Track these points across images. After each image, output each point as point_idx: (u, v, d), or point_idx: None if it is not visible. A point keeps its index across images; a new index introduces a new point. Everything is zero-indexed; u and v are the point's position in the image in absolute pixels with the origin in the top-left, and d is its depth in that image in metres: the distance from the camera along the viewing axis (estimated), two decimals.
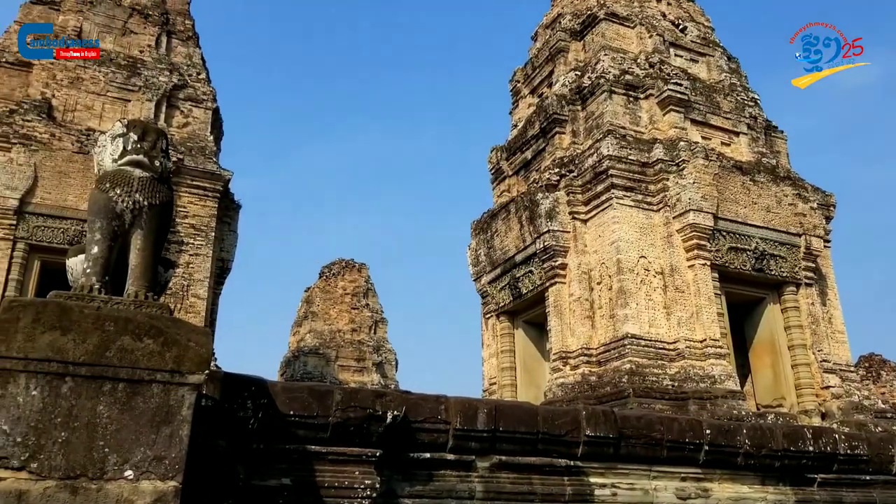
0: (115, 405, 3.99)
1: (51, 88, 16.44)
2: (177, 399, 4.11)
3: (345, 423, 5.77)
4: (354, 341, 33.48)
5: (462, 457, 6.34)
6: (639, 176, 11.83)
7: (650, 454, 7.29)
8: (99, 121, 16.48)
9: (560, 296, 12.13)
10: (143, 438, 3.98)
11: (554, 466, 6.72)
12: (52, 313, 3.96)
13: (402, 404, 6.04)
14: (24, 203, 14.73)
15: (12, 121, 15.37)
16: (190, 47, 18.93)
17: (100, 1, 18.21)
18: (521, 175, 14.50)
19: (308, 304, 35.35)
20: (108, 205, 4.64)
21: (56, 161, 15.31)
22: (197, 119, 17.84)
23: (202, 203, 16.73)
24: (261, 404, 5.46)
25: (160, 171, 4.91)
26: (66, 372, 3.94)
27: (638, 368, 10.53)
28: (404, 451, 6.15)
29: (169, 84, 17.47)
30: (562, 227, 12.19)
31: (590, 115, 13.01)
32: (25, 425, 3.82)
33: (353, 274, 36.12)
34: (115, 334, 4.03)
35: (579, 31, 14.52)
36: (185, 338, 4.19)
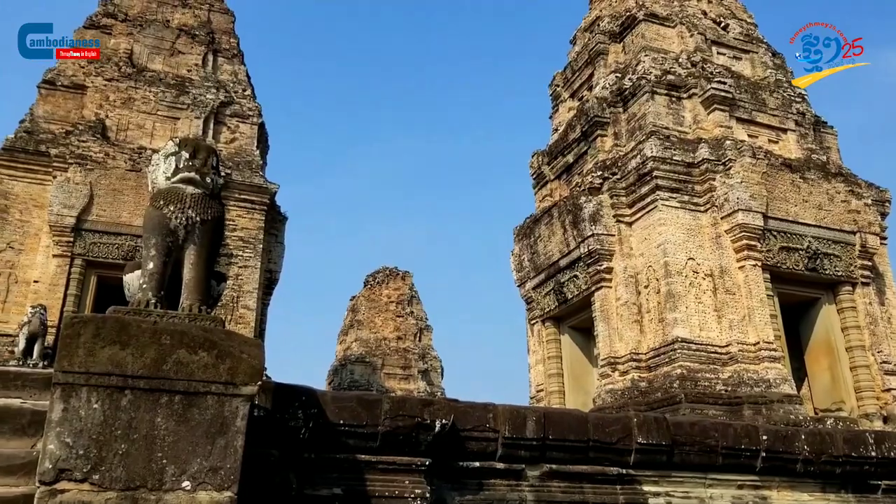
0: (172, 417, 4.08)
1: (104, 109, 17.00)
2: (231, 410, 4.19)
3: (394, 432, 5.80)
4: (400, 349, 33.64)
5: (512, 465, 6.31)
6: (684, 177, 11.65)
7: (705, 461, 7.15)
8: (150, 139, 16.97)
9: (606, 300, 12.00)
10: (199, 450, 4.07)
11: (606, 475, 6.64)
12: (112, 328, 4.08)
13: (449, 412, 6.04)
14: (80, 221, 15.25)
15: (68, 142, 15.94)
16: (235, 65, 19.36)
17: (149, 23, 18.78)
18: (563, 179, 14.41)
19: (354, 312, 35.68)
20: (163, 221, 4.77)
21: (110, 179, 15.81)
22: (243, 134, 18.23)
23: (250, 216, 17.08)
24: (311, 414, 5.53)
25: (211, 188, 5.04)
26: (125, 385, 4.04)
27: (689, 373, 10.34)
28: (453, 459, 6.15)
29: (216, 101, 17.91)
30: (606, 230, 12.06)
31: (632, 117, 12.87)
32: (87, 438, 3.93)
33: (397, 282, 36.35)
34: (171, 347, 4.14)
35: (618, 33, 14.39)
36: (237, 350, 4.27)
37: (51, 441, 3.89)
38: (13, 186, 15.68)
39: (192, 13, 19.69)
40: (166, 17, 19.30)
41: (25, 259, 15.23)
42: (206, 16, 19.84)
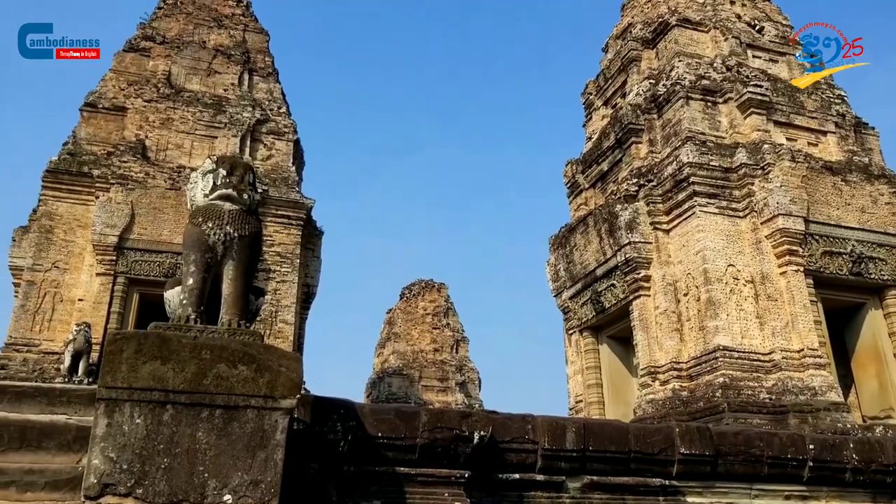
0: (213, 431, 4.12)
1: (144, 130, 17.40)
2: (271, 424, 4.22)
3: (432, 445, 5.77)
4: (437, 361, 33.62)
5: (552, 477, 6.24)
6: (722, 182, 11.47)
7: (750, 472, 6.98)
8: (189, 158, 17.31)
9: (645, 309, 11.85)
10: (239, 463, 4.10)
11: (648, 486, 6.52)
12: (153, 344, 4.15)
13: (488, 424, 6.00)
14: (122, 239, 15.59)
15: (110, 162, 16.35)
16: (270, 83, 19.68)
17: (186, 45, 19.22)
18: (598, 187, 14.30)
19: (390, 325, 35.79)
20: (201, 238, 4.85)
21: (151, 198, 16.16)
22: (279, 151, 18.50)
23: (287, 231, 17.28)
24: (350, 427, 5.53)
25: (248, 204, 5.11)
26: (166, 400, 4.10)
27: (732, 382, 10.14)
28: (492, 471, 6.10)
29: (252, 119, 18.21)
30: (643, 238, 11.93)
31: (667, 123, 12.74)
32: (131, 452, 3.99)
33: (432, 294, 36.38)
34: (212, 362, 4.19)
35: (651, 40, 14.28)
36: (276, 363, 4.31)
37: (95, 456, 3.96)
38: (57, 207, 16.11)
39: (228, 34, 20.09)
40: (202, 38, 19.72)
41: (70, 278, 15.61)
42: (241, 36, 20.23)
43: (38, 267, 15.54)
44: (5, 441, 4.71)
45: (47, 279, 15.52)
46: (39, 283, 15.44)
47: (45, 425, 4.87)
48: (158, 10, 20.31)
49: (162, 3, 20.54)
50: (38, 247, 15.66)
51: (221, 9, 20.71)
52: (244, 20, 20.80)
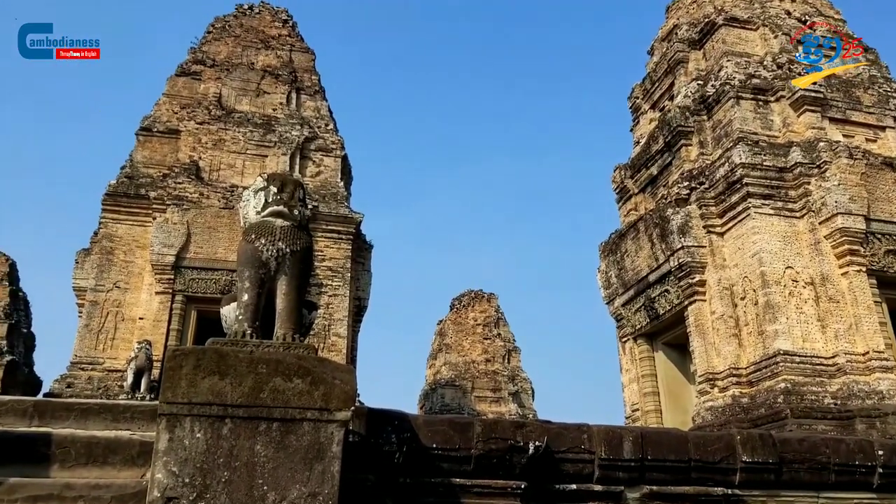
0: (271, 444, 4.18)
1: (197, 151, 17.89)
2: (326, 436, 4.25)
3: (487, 455, 5.74)
4: (489, 371, 33.48)
5: (610, 487, 6.13)
6: (777, 182, 11.18)
7: (816, 479, 6.74)
8: (241, 177, 17.72)
9: (701, 314, 11.59)
10: (297, 476, 4.14)
11: (710, 496, 6.35)
12: (211, 359, 4.24)
13: (543, 434, 5.94)
14: (179, 258, 16.02)
15: (166, 184, 16.84)
16: (317, 101, 20.03)
17: (235, 67, 19.72)
18: (648, 192, 14.10)
19: (441, 336, 35.83)
20: (255, 254, 4.95)
21: (205, 217, 16.58)
22: (328, 167, 18.79)
23: (337, 246, 17.50)
24: (404, 438, 5.55)
25: (299, 220, 5.20)
26: (225, 414, 4.17)
27: (794, 387, 9.83)
28: (548, 482, 6.03)
29: (301, 137, 18.55)
30: (696, 241, 11.69)
31: (717, 124, 12.49)
32: (192, 466, 4.07)
33: (482, 304, 36.30)
34: (268, 376, 4.25)
35: (698, 40, 14.05)
36: (330, 376, 4.35)
37: (158, 470, 4.05)
38: (117, 229, 16.67)
39: (275, 54, 20.54)
40: (251, 59, 20.21)
41: (131, 297, 16.11)
42: (287, 56, 20.66)
43: (101, 287, 16.08)
44: (72, 457, 4.87)
45: (109, 299, 16.04)
46: (102, 303, 15.96)
47: (110, 441, 5.01)
48: (208, 35, 20.91)
49: (211, 28, 21.14)
50: (99, 268, 16.21)
51: (268, 30, 21.21)
52: (290, 40, 21.25)
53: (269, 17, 21.58)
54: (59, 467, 4.81)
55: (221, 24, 21.11)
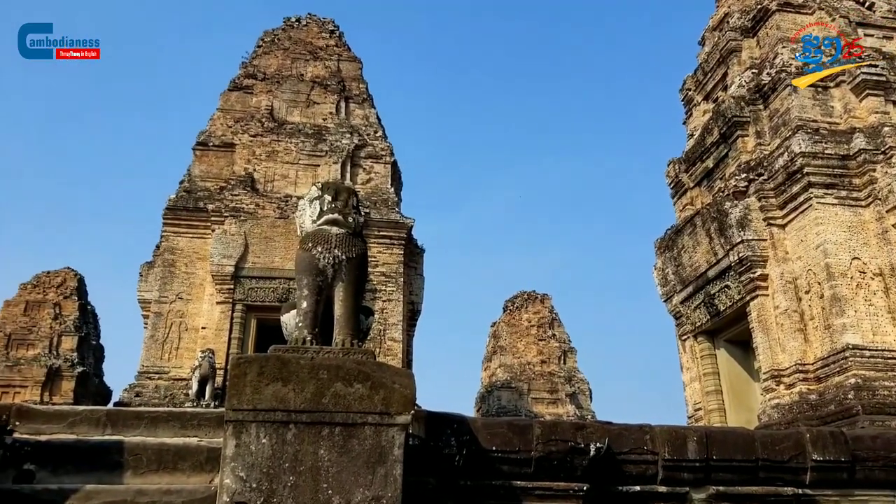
0: (334, 448, 4.24)
1: (252, 164, 18.31)
2: (388, 440, 4.30)
3: (547, 458, 5.70)
4: (545, 373, 33.24)
5: (675, 489, 6.01)
6: (839, 171, 10.80)
7: (892, 478, 6.47)
8: (294, 187, 18.06)
9: (764, 309, 11.27)
10: (360, 479, 4.19)
11: (780, 496, 6.17)
12: (274, 366, 4.33)
13: (603, 435, 5.87)
14: (238, 268, 16.41)
15: (223, 196, 17.28)
16: (366, 108, 20.27)
17: (285, 79, 20.12)
18: (704, 185, 13.79)
19: (495, 338, 35.75)
20: (312, 262, 5.04)
21: (262, 228, 16.95)
22: (378, 174, 18.98)
23: (389, 251, 17.66)
24: (464, 441, 5.55)
25: (354, 227, 5.27)
26: (289, 419, 4.26)
27: (865, 382, 9.47)
28: (611, 484, 5.95)
29: (351, 145, 18.80)
30: (757, 235, 11.38)
31: (774, 113, 12.14)
32: (259, 471, 4.16)
33: (536, 305, 36.08)
34: (329, 381, 4.32)
35: (750, 28, 13.69)
36: (389, 380, 4.39)
37: (227, 476, 4.15)
38: (178, 242, 17.18)
39: (323, 65, 20.87)
40: (300, 71, 20.59)
41: (193, 308, 16.58)
42: (335, 66, 20.97)
43: (164, 299, 16.59)
44: (144, 464, 5.03)
45: (173, 310, 16.54)
46: (166, 314, 16.47)
47: (179, 448, 5.17)
48: (258, 49, 21.38)
49: (260, 42, 21.62)
50: (162, 280, 16.73)
51: (316, 41, 21.57)
52: (338, 50, 21.56)
53: (316, 28, 21.94)
54: (132, 474, 4.98)
55: (271, 38, 21.56)
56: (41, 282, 29.88)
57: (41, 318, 28.70)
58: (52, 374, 27.04)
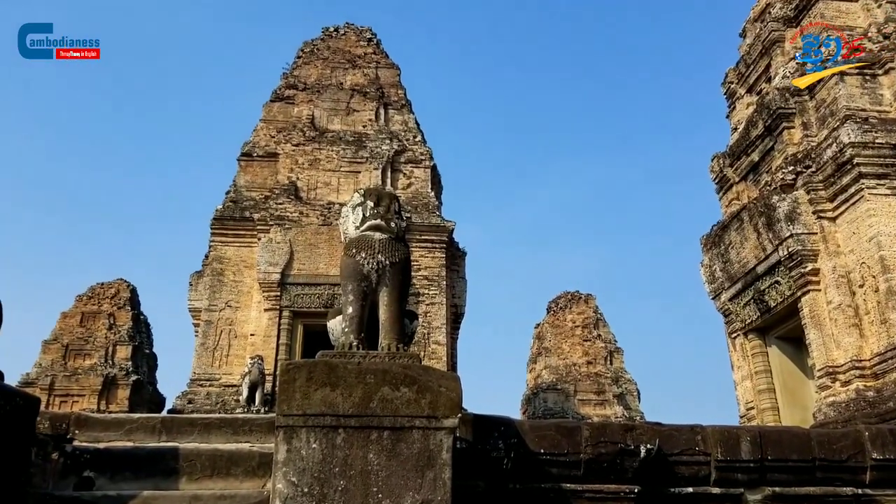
0: (383, 453, 4.28)
1: (294, 172, 18.60)
2: (436, 443, 4.32)
3: (596, 460, 5.65)
4: (591, 374, 32.91)
5: (729, 490, 5.90)
6: (891, 160, 10.47)
7: None
8: (337, 194, 18.29)
9: (816, 305, 10.98)
10: (410, 483, 4.22)
11: (838, 496, 6.00)
12: (322, 371, 4.39)
13: (654, 437, 5.79)
14: (284, 276, 16.68)
15: (268, 205, 17.59)
16: (404, 114, 20.41)
17: (325, 88, 20.38)
18: (750, 180, 13.50)
19: (539, 340, 35.54)
20: (357, 268, 5.10)
21: (306, 235, 17.19)
22: (418, 178, 19.08)
23: (431, 255, 17.73)
24: (511, 444, 5.54)
25: (396, 232, 5.33)
26: (338, 424, 4.31)
27: None
28: (662, 486, 5.87)
29: (391, 151, 18.95)
30: (806, 228, 11.10)
31: (820, 104, 11.84)
32: (310, 476, 4.22)
33: (580, 306, 35.76)
34: (376, 386, 4.36)
35: (793, 18, 13.38)
36: (436, 384, 4.42)
37: (279, 480, 4.22)
38: (226, 251, 17.53)
39: (362, 72, 21.09)
40: (339, 80, 20.84)
41: (241, 315, 16.90)
42: (374, 73, 21.16)
43: (214, 307, 16.95)
44: (198, 469, 5.15)
45: (222, 318, 16.88)
46: (215, 322, 16.81)
47: (232, 453, 5.28)
48: (298, 60, 21.71)
49: (300, 52, 21.95)
50: (211, 289, 17.09)
51: (354, 49, 21.80)
52: (375, 58, 21.76)
53: (354, 37, 22.18)
54: (187, 480, 5.10)
55: (310, 49, 21.88)
56: (96, 293, 30.80)
57: (97, 328, 29.58)
58: (108, 383, 27.83)
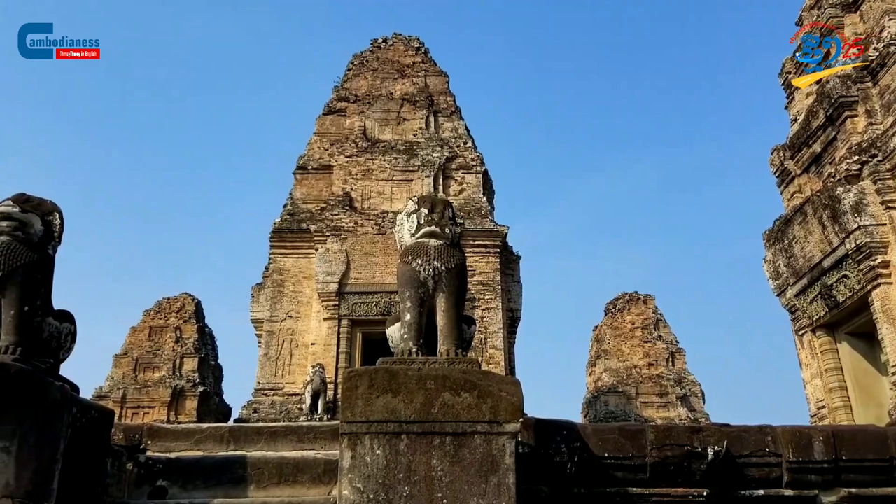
0: (446, 458, 4.30)
1: (348, 183, 18.88)
2: (498, 448, 4.32)
3: (663, 463, 5.56)
4: (653, 376, 32.29)
5: (802, 492, 5.72)
6: None
7: None
8: (390, 203, 18.48)
9: (888, 298, 10.55)
10: (474, 489, 4.23)
11: None
12: (383, 378, 4.45)
13: (721, 438, 5.66)
14: (341, 285, 16.94)
15: (324, 217, 17.90)
16: (454, 121, 20.50)
17: (375, 99, 20.65)
18: (812, 171, 13.08)
19: (598, 342, 35.08)
20: (413, 275, 5.15)
21: (361, 244, 17.43)
22: (470, 184, 19.12)
23: (486, 260, 17.73)
24: (574, 448, 5.49)
25: (451, 238, 5.36)
26: (400, 430, 4.36)
27: None
28: (732, 488, 5.73)
29: (442, 158, 19.06)
30: (874, 220, 10.68)
31: (885, 90, 11.39)
32: (375, 482, 4.27)
33: (639, 306, 35.16)
34: (436, 391, 4.39)
35: (852, 3, 12.93)
36: (496, 388, 4.42)
37: (344, 487, 4.29)
38: (285, 263, 17.91)
39: (411, 81, 21.28)
40: (389, 90, 21.08)
41: (302, 325, 17.22)
42: (423, 82, 21.33)
43: (275, 318, 17.32)
44: (266, 477, 5.28)
45: (283, 328, 17.24)
46: (277, 333, 17.18)
47: (298, 461, 5.39)
48: (348, 72, 22.06)
49: (350, 65, 22.30)
50: (272, 300, 17.48)
51: (403, 59, 22.02)
52: (424, 66, 21.93)
53: (402, 47, 22.41)
54: (255, 487, 5.23)
55: (360, 61, 22.20)
56: (162, 308, 31.83)
57: (164, 341, 30.55)
58: (177, 395, 28.70)
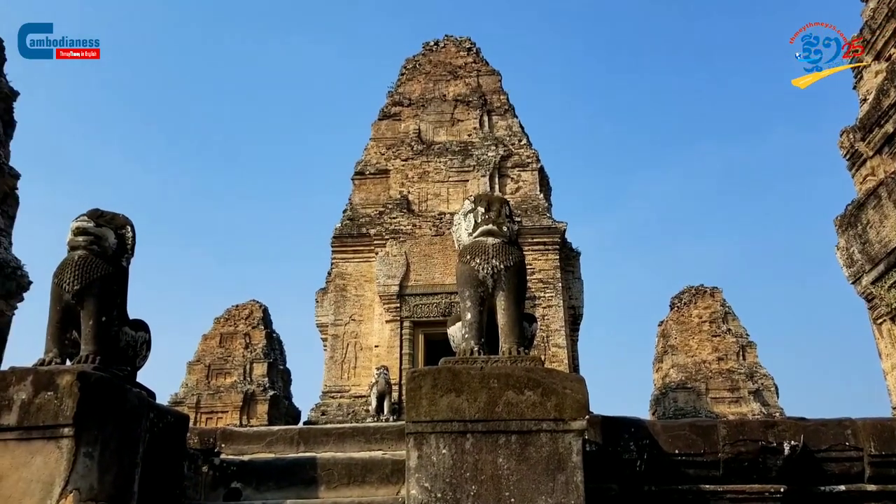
0: (512, 457, 4.28)
1: (405, 187, 19.03)
2: (564, 446, 4.27)
3: (736, 459, 5.39)
4: (723, 370, 31.43)
5: (887, 487, 5.46)
6: None
7: None
8: (447, 204, 18.54)
9: None
10: (542, 487, 4.19)
11: None
12: (446, 378, 4.46)
13: (797, 433, 5.46)
14: (402, 287, 17.08)
15: (383, 220, 18.09)
16: (508, 119, 20.42)
17: (429, 102, 20.76)
18: (886, 153, 12.49)
19: (664, 338, 34.36)
20: (472, 274, 5.14)
21: (420, 246, 17.53)
22: (526, 182, 19.01)
23: (545, 257, 17.58)
24: (643, 445, 5.39)
25: (509, 235, 5.32)
26: (465, 430, 4.35)
27: None
28: (811, 484, 5.52)
29: (496, 157, 19.01)
30: None
31: None
32: (442, 481, 4.28)
33: (706, 300, 34.27)
34: (500, 390, 4.38)
35: None
36: (560, 386, 4.37)
37: (412, 487, 4.31)
38: (346, 267, 18.17)
39: (464, 82, 21.30)
40: (442, 92, 21.15)
41: (365, 328, 17.44)
42: (475, 82, 21.32)
43: (339, 322, 17.59)
44: (335, 478, 5.36)
45: (347, 331, 17.50)
46: (342, 336, 17.44)
47: (366, 461, 5.45)
48: (401, 77, 22.24)
49: (403, 69, 22.47)
50: (336, 304, 17.76)
51: (455, 61, 22.06)
52: (476, 66, 21.92)
53: (453, 48, 22.46)
54: (325, 488, 5.31)
55: (412, 65, 22.35)
56: (231, 315, 32.77)
57: (234, 348, 31.43)
58: (248, 399, 29.48)
